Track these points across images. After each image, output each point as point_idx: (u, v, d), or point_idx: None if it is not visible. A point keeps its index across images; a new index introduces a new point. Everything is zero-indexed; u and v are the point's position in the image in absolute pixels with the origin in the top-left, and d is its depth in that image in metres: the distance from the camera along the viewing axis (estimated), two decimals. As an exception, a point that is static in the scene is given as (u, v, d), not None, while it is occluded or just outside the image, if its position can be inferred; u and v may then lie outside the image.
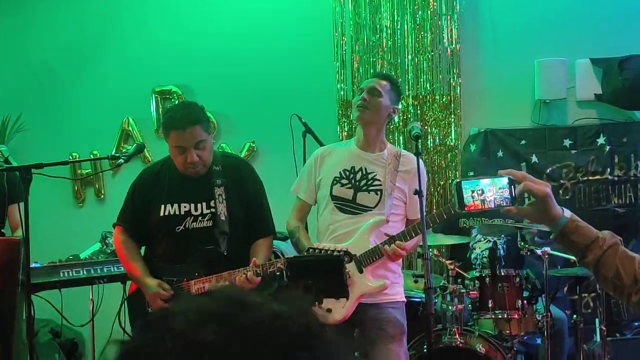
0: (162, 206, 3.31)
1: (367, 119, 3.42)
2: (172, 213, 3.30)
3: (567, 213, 1.87)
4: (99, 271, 4.15)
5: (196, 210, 3.30)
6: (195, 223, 3.29)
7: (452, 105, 5.65)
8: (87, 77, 6.08)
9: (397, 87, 3.56)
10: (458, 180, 1.88)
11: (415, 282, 4.00)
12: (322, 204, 3.46)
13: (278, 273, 3.69)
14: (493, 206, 1.86)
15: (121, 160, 3.44)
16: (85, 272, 4.13)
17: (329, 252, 3.00)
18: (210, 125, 3.34)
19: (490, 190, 1.85)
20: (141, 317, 3.31)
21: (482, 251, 4.66)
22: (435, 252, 4.68)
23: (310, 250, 3.07)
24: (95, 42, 6.09)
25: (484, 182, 1.86)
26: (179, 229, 3.29)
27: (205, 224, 3.29)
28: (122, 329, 3.64)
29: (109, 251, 4.44)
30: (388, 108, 3.43)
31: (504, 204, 1.85)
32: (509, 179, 1.85)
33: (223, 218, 3.27)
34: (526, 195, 1.86)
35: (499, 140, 5.56)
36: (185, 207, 3.30)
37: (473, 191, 1.86)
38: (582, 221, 1.89)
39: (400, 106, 3.61)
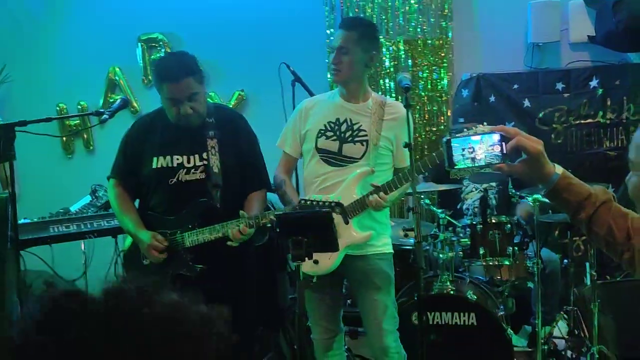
0: (155, 158, 3.28)
1: (343, 80, 3.36)
2: (164, 165, 3.27)
3: (559, 170, 1.83)
4: (89, 226, 4.13)
5: (189, 162, 3.27)
6: (187, 175, 3.26)
7: (444, 49, 5.56)
8: (71, 25, 5.95)
9: (369, 32, 3.38)
10: (447, 137, 1.81)
11: (405, 235, 4.00)
12: (307, 157, 3.42)
13: (269, 225, 3.69)
14: (483, 164, 1.80)
15: (105, 116, 3.38)
16: (75, 227, 4.11)
17: (320, 203, 2.98)
18: (204, 76, 3.27)
19: (480, 147, 1.79)
20: (137, 271, 3.33)
21: (473, 201, 4.65)
22: (428, 201, 4.67)
23: (302, 201, 3.04)
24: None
25: (474, 139, 1.79)
26: (171, 181, 3.26)
27: (199, 176, 3.26)
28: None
29: (99, 204, 4.41)
30: (362, 59, 3.32)
31: (495, 162, 1.80)
32: (500, 135, 1.80)
33: (216, 170, 3.24)
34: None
35: (491, 85, 5.50)
36: (177, 159, 3.27)
37: (463, 149, 1.80)
38: (575, 178, 1.85)
39: (378, 52, 3.48)
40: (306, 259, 2.75)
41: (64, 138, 5.92)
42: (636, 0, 5.10)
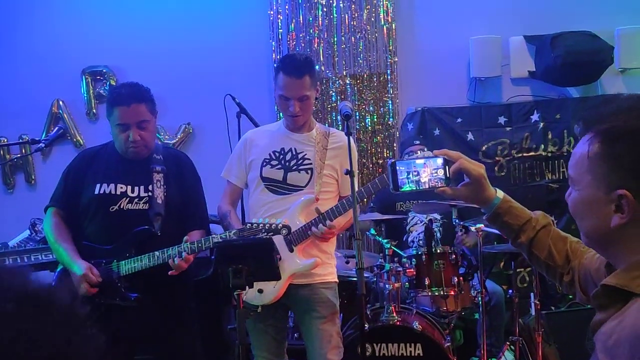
0: (98, 185, 3.23)
1: (302, 123, 3.40)
2: (107, 192, 3.22)
3: (500, 194, 1.86)
4: (26, 260, 4.02)
5: (133, 192, 3.23)
6: (130, 204, 3.21)
7: (389, 84, 5.64)
8: (14, 58, 5.85)
9: (315, 72, 3.42)
10: (392, 160, 1.85)
11: (347, 262, 3.98)
12: (252, 186, 3.42)
13: (213, 257, 3.63)
14: (428, 187, 1.84)
15: (41, 145, 3.32)
16: (11, 261, 3.99)
17: (266, 226, 2.95)
18: (156, 108, 3.29)
19: (424, 170, 1.83)
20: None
21: (418, 233, 4.68)
22: (374, 231, 4.67)
23: (247, 224, 3.01)
24: (23, 20, 5.86)
25: (419, 162, 1.83)
26: (113, 208, 3.20)
27: (141, 206, 3.21)
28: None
29: (39, 238, 4.31)
30: (314, 96, 3.37)
31: (439, 185, 1.83)
32: (444, 159, 1.83)
33: (159, 201, 3.21)
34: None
35: (435, 119, 5.59)
36: (121, 187, 3.23)
37: (408, 172, 1.83)
38: (516, 202, 1.87)
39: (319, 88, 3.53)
40: (247, 287, 2.72)
41: (5, 171, 5.77)
42: (573, 36, 5.28)
